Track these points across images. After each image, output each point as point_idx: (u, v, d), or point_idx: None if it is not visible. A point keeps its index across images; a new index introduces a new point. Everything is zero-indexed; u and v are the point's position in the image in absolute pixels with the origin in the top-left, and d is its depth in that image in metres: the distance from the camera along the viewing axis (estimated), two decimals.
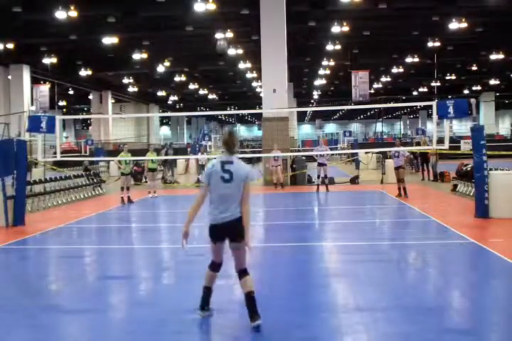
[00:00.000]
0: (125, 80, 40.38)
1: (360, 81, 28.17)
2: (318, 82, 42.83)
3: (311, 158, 22.61)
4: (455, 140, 26.89)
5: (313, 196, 17.79)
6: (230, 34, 25.32)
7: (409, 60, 34.08)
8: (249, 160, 34.84)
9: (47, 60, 30.38)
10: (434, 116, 11.61)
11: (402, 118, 69.08)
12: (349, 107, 45.37)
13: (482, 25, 26.94)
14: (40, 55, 30.00)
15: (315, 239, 10.16)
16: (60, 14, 21.05)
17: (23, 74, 32.06)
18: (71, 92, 45.99)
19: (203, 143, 29.79)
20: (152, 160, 18.05)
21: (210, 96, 53.21)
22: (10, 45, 27.06)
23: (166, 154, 25.18)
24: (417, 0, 23.84)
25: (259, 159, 28.28)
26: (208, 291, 5.41)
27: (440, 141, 13.49)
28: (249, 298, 5.10)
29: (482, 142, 11.35)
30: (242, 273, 5.21)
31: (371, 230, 10.92)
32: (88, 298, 6.39)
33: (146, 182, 20.97)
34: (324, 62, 34.14)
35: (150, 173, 18.41)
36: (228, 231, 5.11)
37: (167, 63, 34.76)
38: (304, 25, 25.31)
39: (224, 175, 5.08)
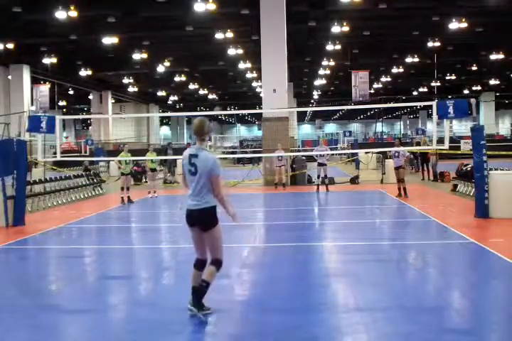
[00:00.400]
0: (125, 80, 40.36)
1: (360, 81, 28.14)
2: (318, 82, 42.81)
3: (311, 158, 22.60)
4: (455, 140, 26.88)
5: (313, 196, 17.79)
6: (230, 34, 25.33)
7: (409, 60, 34.05)
8: (249, 160, 34.85)
9: (47, 60, 30.35)
10: (434, 116, 11.61)
11: (402, 118, 68.96)
12: (349, 107, 45.30)
13: (482, 25, 26.92)
14: (40, 55, 29.98)
15: (315, 239, 10.16)
16: (60, 14, 21.02)
17: (23, 74, 32.04)
18: (71, 92, 45.95)
19: None
20: (152, 160, 18.06)
21: (210, 96, 53.21)
22: (10, 45, 27.02)
23: (166, 154, 25.18)
24: (417, 0, 23.82)
25: (259, 159, 28.26)
26: (193, 291, 5.44)
27: (440, 141, 13.49)
28: (199, 285, 5.29)
29: (482, 142, 11.35)
30: (214, 262, 5.40)
31: (371, 230, 10.92)
32: (88, 298, 6.39)
33: (146, 182, 20.98)
34: (324, 62, 34.12)
35: (150, 173, 18.43)
36: (196, 220, 5.30)
37: (167, 63, 34.76)
38: (303, 25, 25.29)
39: (190, 169, 5.33)
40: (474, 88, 50.73)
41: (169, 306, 5.87)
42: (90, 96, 47.56)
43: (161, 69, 35.44)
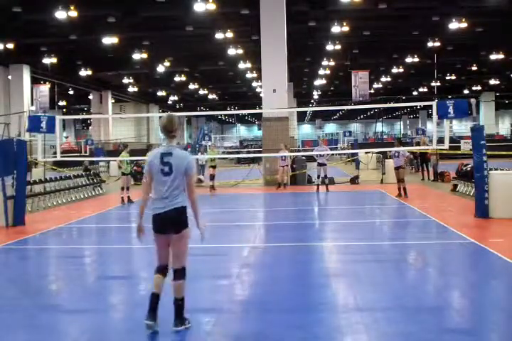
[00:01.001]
0: (125, 80, 40.39)
1: (360, 81, 28.15)
2: (318, 82, 42.84)
3: (311, 158, 22.61)
4: (455, 140, 26.89)
5: (313, 196, 17.79)
6: (230, 34, 25.34)
7: (409, 60, 34.08)
8: (252, 160, 34.84)
9: (47, 60, 30.38)
10: (434, 116, 11.61)
11: (402, 118, 69.00)
12: (349, 107, 45.37)
13: (482, 25, 26.94)
14: (40, 55, 30.00)
15: (315, 239, 10.16)
16: (60, 14, 21.04)
17: (23, 74, 32.06)
18: (71, 92, 45.98)
19: (203, 143, 29.81)
20: None
21: (210, 96, 53.24)
22: (10, 45, 27.05)
23: None
24: (417, 0, 23.84)
25: (260, 159, 28.28)
26: (154, 298, 5.02)
27: (440, 141, 13.50)
28: (177, 305, 5.05)
29: (482, 142, 11.34)
30: (179, 273, 5.06)
31: (371, 230, 10.92)
32: (88, 298, 6.39)
33: None
34: (324, 62, 34.15)
35: None
36: (169, 222, 4.98)
37: (167, 63, 34.77)
38: (303, 25, 25.31)
39: (164, 168, 4.93)
40: (474, 88, 50.75)
41: (169, 306, 5.85)
42: (90, 96, 47.58)
43: (161, 69, 35.45)
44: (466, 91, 52.03)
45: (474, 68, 40.17)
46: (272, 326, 5.19)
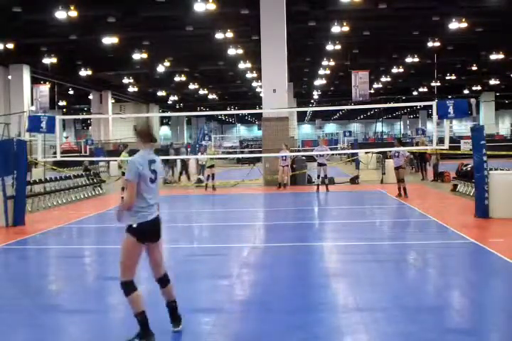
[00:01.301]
0: (125, 80, 40.39)
1: (360, 81, 28.12)
2: (318, 82, 42.85)
3: (311, 158, 22.60)
4: (455, 140, 26.90)
5: (313, 196, 17.79)
6: (230, 34, 25.35)
7: (409, 60, 34.07)
8: (252, 161, 34.82)
9: (47, 60, 30.36)
10: (434, 116, 11.62)
11: (402, 118, 69.00)
12: (349, 107, 45.37)
13: (482, 25, 26.93)
14: (40, 55, 29.99)
15: (315, 239, 10.16)
16: (60, 14, 21.03)
17: (23, 74, 32.05)
18: (71, 92, 45.97)
19: (203, 143, 29.85)
20: None
21: (210, 96, 53.24)
22: (10, 45, 27.04)
23: (167, 154, 25.18)
24: (417, 0, 23.84)
25: (259, 159, 28.28)
26: (146, 316, 4.89)
27: (440, 141, 13.51)
28: (174, 308, 5.08)
29: (482, 142, 11.34)
30: (167, 277, 5.10)
31: (371, 230, 10.92)
32: (88, 298, 6.39)
33: None
34: (324, 62, 34.15)
35: None
36: (155, 229, 4.95)
37: (167, 63, 34.77)
38: (304, 25, 25.30)
39: (151, 176, 4.84)
40: (474, 88, 50.74)
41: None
42: (90, 96, 47.56)
43: (161, 69, 35.45)
44: (466, 92, 52.03)
45: (474, 68, 40.16)
46: (272, 326, 5.19)
